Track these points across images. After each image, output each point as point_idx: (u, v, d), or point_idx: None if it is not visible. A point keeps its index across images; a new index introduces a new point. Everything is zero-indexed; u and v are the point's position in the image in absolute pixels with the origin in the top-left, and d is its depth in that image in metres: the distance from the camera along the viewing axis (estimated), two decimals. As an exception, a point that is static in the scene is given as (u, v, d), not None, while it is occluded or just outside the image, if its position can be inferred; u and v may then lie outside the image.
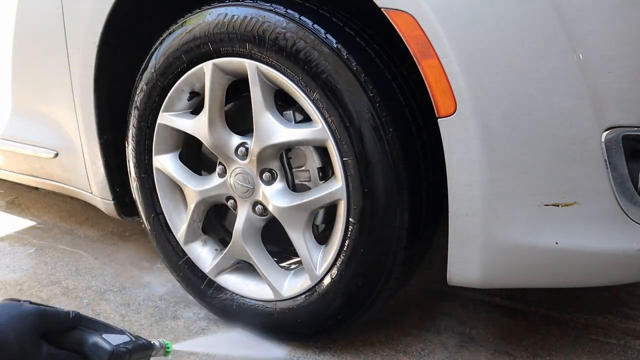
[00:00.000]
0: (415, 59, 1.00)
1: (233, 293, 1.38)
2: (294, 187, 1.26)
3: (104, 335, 0.86)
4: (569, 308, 1.49)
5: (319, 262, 1.22)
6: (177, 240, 1.43)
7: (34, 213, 2.24)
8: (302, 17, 1.11)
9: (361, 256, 1.16)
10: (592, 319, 1.44)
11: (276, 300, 1.31)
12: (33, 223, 2.13)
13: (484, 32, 0.95)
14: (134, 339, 0.88)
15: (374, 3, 1.02)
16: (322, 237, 1.27)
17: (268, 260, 1.32)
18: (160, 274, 1.70)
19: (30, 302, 0.84)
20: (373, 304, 1.21)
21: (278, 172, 1.25)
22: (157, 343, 0.93)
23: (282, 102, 1.24)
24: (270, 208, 1.25)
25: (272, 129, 1.19)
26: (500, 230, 1.03)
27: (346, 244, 1.17)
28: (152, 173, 1.42)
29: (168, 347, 0.96)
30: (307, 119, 1.20)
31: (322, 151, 1.22)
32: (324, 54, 1.08)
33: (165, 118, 1.34)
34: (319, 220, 1.29)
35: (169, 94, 1.32)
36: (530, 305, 1.50)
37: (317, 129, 1.14)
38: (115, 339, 0.86)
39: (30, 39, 1.59)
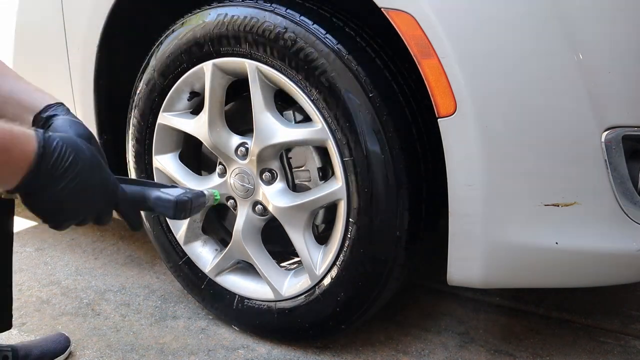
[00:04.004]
0: (415, 59, 1.00)
1: (233, 293, 1.38)
2: (294, 187, 1.27)
3: (162, 189, 0.88)
4: (569, 308, 1.49)
5: (319, 262, 1.22)
6: (177, 240, 1.43)
7: (34, 213, 2.24)
8: (302, 17, 1.11)
9: (361, 256, 1.16)
10: (592, 319, 1.44)
11: (276, 300, 1.31)
12: (33, 223, 2.13)
13: (484, 32, 0.95)
14: (187, 190, 0.90)
15: (374, 3, 1.02)
16: (322, 237, 1.27)
17: (268, 260, 1.32)
18: (160, 274, 1.71)
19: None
20: (373, 304, 1.21)
21: (278, 172, 1.25)
22: (207, 192, 0.95)
23: (282, 102, 1.24)
24: (270, 208, 1.25)
25: (272, 129, 1.19)
26: (500, 230, 1.03)
27: (346, 244, 1.17)
28: (152, 173, 1.42)
29: (216, 195, 0.99)
30: (307, 119, 1.20)
31: (322, 151, 1.22)
32: (324, 54, 1.08)
33: (165, 118, 1.34)
34: (319, 220, 1.29)
35: (169, 94, 1.32)
36: (530, 305, 1.50)
37: (317, 129, 1.14)
38: (173, 191, 0.88)
39: (30, 39, 1.59)
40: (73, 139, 0.78)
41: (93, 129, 1.49)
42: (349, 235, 1.16)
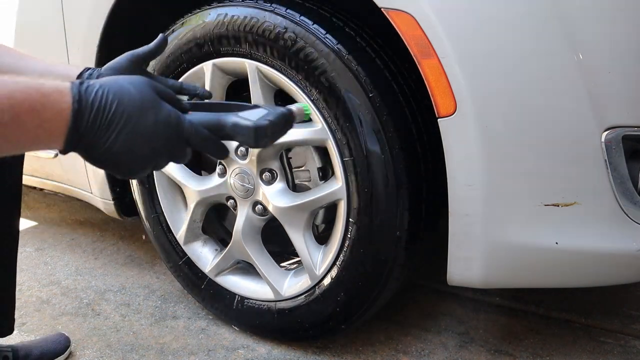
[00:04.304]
0: (415, 59, 1.00)
1: (233, 293, 1.38)
2: (294, 187, 1.26)
3: (240, 114, 0.77)
4: (569, 308, 1.49)
5: (319, 262, 1.22)
6: (177, 240, 1.43)
7: (34, 213, 2.24)
8: (302, 17, 1.11)
9: (361, 256, 1.16)
10: (592, 319, 1.44)
11: (276, 300, 1.31)
12: (33, 223, 2.13)
13: (484, 32, 0.95)
14: (271, 110, 0.79)
15: (374, 3, 1.02)
16: (322, 237, 1.27)
17: (268, 260, 1.32)
18: (160, 274, 1.70)
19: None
20: (373, 304, 1.21)
21: (278, 172, 1.25)
22: (294, 109, 0.83)
23: (282, 102, 1.24)
24: (270, 208, 1.25)
25: (272, 129, 1.18)
26: (500, 230, 1.03)
27: (346, 244, 1.17)
28: (152, 174, 1.42)
29: (307, 111, 0.87)
30: (307, 119, 1.20)
31: (322, 151, 1.22)
32: (324, 54, 1.08)
33: (165, 118, 1.34)
34: (319, 220, 1.29)
35: (169, 94, 1.32)
36: (530, 305, 1.50)
37: (317, 129, 1.14)
38: (253, 114, 0.77)
39: (30, 39, 1.59)
40: (117, 82, 0.69)
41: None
42: (349, 235, 1.16)
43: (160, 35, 0.97)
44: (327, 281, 1.22)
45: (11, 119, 0.60)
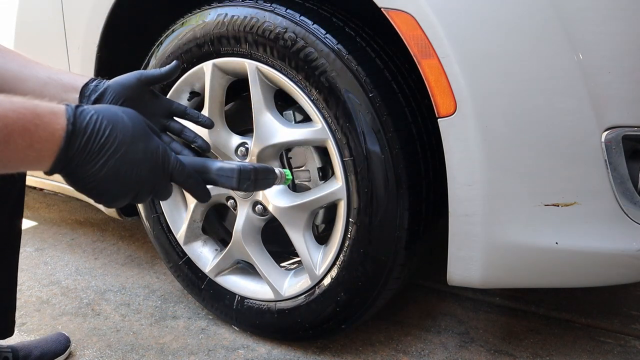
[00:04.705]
0: (415, 59, 1.00)
1: (233, 293, 1.38)
2: (294, 187, 1.27)
3: (226, 161, 0.82)
4: (569, 308, 1.49)
5: (319, 262, 1.22)
6: (177, 241, 1.43)
7: (34, 213, 2.24)
8: (302, 17, 1.11)
9: (361, 256, 1.16)
10: (592, 319, 1.44)
11: (276, 300, 1.31)
12: (33, 223, 2.13)
13: (484, 32, 0.95)
14: (255, 164, 0.84)
15: (374, 3, 1.02)
16: (322, 237, 1.28)
17: (268, 260, 1.32)
18: (160, 274, 1.71)
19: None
20: (373, 304, 1.21)
21: (278, 172, 1.25)
22: (277, 171, 0.89)
23: (282, 102, 1.24)
24: (270, 208, 1.25)
25: (272, 129, 1.19)
26: (500, 230, 1.03)
27: (346, 244, 1.17)
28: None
29: (288, 176, 0.92)
30: (307, 119, 1.20)
31: (322, 151, 1.22)
32: (324, 54, 1.08)
33: (165, 118, 1.34)
34: (319, 220, 1.29)
35: (169, 94, 1.32)
36: (530, 305, 1.50)
37: (317, 129, 1.14)
38: (237, 163, 0.82)
39: (30, 39, 1.59)
40: (111, 110, 0.70)
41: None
42: (349, 235, 1.16)
43: (175, 62, 1.02)
44: (327, 281, 1.22)
45: (2, 138, 0.60)
